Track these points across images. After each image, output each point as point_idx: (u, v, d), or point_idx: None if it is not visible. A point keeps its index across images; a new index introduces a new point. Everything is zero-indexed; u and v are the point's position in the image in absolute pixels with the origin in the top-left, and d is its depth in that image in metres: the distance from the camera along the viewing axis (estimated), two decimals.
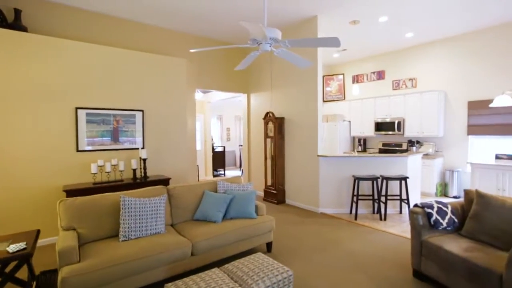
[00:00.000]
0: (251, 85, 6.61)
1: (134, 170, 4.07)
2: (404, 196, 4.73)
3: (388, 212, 4.82)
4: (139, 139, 4.45)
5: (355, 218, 4.51)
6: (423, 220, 2.68)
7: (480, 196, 2.71)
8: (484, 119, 5.53)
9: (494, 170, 4.57)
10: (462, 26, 5.38)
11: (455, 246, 2.46)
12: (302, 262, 3.12)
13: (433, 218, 2.67)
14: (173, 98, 4.86)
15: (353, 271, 2.91)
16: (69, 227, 2.53)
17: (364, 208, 4.88)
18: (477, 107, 5.64)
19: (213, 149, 9.25)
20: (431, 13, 4.79)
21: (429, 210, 2.70)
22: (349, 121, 7.69)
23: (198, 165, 7.66)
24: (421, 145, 6.40)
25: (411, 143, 6.47)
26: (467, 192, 2.92)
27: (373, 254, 3.30)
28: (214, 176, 9.18)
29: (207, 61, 5.90)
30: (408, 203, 4.52)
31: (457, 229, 2.80)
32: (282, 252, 3.38)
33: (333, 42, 2.11)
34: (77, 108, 3.87)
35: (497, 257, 2.23)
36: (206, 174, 8.69)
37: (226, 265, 2.30)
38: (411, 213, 2.74)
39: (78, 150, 3.89)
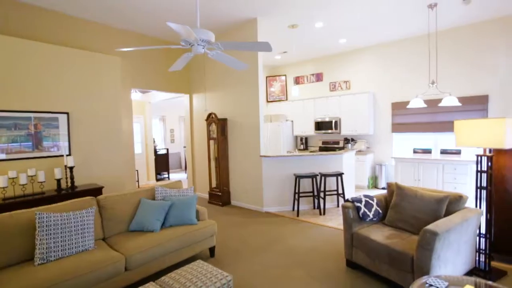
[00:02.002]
0: (193, 85, 6.43)
1: (58, 181, 3.62)
2: (340, 191, 5.10)
3: (327, 206, 5.14)
4: (64, 145, 3.97)
5: (297, 215, 4.72)
6: (353, 213, 2.91)
7: (399, 188, 3.05)
8: (404, 118, 6.28)
9: (412, 163, 5.22)
10: (386, 36, 6.00)
11: (379, 235, 2.72)
12: (245, 263, 3.13)
13: (362, 211, 2.92)
14: (105, 99, 4.45)
15: (293, 267, 3.03)
16: None
17: (305, 204, 5.13)
18: (398, 107, 6.37)
19: (155, 151, 8.79)
20: (359, 24, 5.24)
21: (358, 204, 2.94)
22: (292, 121, 8.01)
23: (137, 170, 7.19)
24: (355, 142, 6.98)
25: (346, 140, 7.02)
26: (389, 185, 3.27)
27: (312, 248, 3.48)
28: (158, 180, 8.73)
29: (145, 60, 5.55)
30: (344, 197, 4.88)
31: (381, 219, 3.11)
32: (225, 255, 3.35)
33: (264, 46, 2.14)
34: None
35: (411, 241, 2.54)
36: (148, 178, 8.21)
37: (162, 278, 2.18)
38: (343, 207, 2.96)
39: None
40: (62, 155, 3.94)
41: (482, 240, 2.87)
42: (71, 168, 3.76)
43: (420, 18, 5.04)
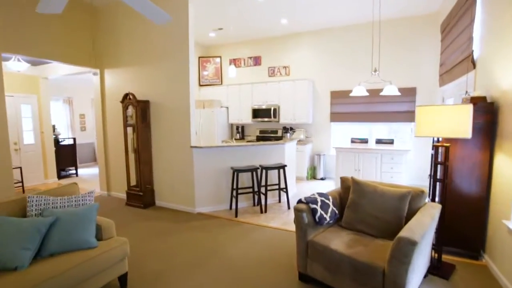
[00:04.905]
0: (105, 57, 5.06)
1: None
2: (282, 185, 4.63)
3: (268, 202, 4.63)
4: None
5: (236, 215, 4.06)
6: (308, 217, 2.38)
7: (356, 183, 2.63)
8: (342, 107, 6.18)
9: (352, 153, 5.09)
10: (329, 20, 5.70)
11: (339, 242, 2.25)
12: None
13: (318, 214, 2.40)
14: None
15: (233, 285, 2.36)
16: None
17: (244, 201, 4.52)
18: (337, 96, 6.24)
19: (57, 142, 6.99)
20: (301, 4, 4.77)
21: (314, 206, 2.41)
22: (227, 108, 7.27)
23: (20, 167, 5.46)
24: (294, 132, 6.66)
25: (285, 129, 6.64)
26: (343, 180, 2.85)
27: (256, 259, 2.87)
28: (62, 177, 6.99)
29: (27, 15, 4.01)
30: (286, 192, 4.42)
31: (337, 220, 2.67)
32: (143, 283, 2.47)
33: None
34: None
35: (376, 249, 2.13)
36: (46, 177, 6.45)
37: None
38: (296, 211, 2.39)
39: None
40: None
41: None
42: None
43: (364, 4, 4.83)
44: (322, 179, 6.29)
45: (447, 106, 2.29)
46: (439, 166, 2.69)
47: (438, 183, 2.69)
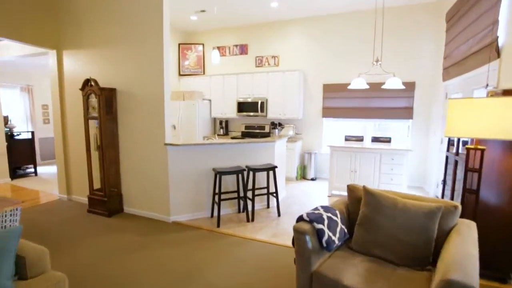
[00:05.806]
0: (64, 36, 4.26)
1: None
2: (272, 188, 4.06)
3: (255, 208, 4.05)
4: None
5: (218, 225, 3.46)
6: (313, 241, 1.82)
7: (369, 194, 2.09)
8: (335, 102, 5.68)
9: (348, 152, 4.59)
10: (322, 7, 5.14)
11: (353, 275, 1.71)
12: None
13: (326, 237, 1.84)
14: None
15: None
16: None
17: (228, 207, 3.92)
18: (330, 90, 5.73)
19: (11, 136, 6.07)
20: None
21: (320, 226, 1.85)
22: (210, 100, 6.60)
23: None
24: (283, 128, 6.11)
25: (273, 125, 6.07)
26: (351, 189, 2.31)
27: (241, 285, 2.29)
28: (17, 177, 6.08)
29: None
30: (277, 196, 3.86)
31: (346, 240, 2.14)
32: None
33: None
34: None
35: (401, 283, 1.60)
36: None
37: None
38: (296, 233, 1.83)
39: None
40: None
41: None
42: None
43: None
44: (312, 179, 5.80)
45: (492, 99, 1.79)
46: (468, 173, 2.21)
47: (455, 193, 2.21)
